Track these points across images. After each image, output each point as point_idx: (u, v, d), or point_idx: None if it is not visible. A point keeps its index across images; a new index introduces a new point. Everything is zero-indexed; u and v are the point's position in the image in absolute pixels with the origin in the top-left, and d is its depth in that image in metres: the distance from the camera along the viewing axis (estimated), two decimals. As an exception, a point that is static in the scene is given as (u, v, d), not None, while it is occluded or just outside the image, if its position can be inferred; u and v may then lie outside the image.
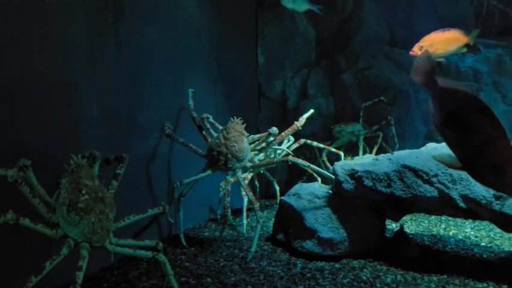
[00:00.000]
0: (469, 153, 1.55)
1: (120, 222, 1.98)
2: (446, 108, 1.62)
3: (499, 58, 4.28)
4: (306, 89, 4.52)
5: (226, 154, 2.84)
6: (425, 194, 2.30)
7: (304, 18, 4.45)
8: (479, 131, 1.51)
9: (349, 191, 2.57)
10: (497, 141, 1.49)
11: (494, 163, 1.49)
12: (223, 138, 2.87)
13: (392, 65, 4.47)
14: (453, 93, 1.63)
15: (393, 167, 2.42)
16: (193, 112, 3.05)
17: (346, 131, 4.22)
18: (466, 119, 1.55)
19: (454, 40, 3.05)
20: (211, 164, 2.91)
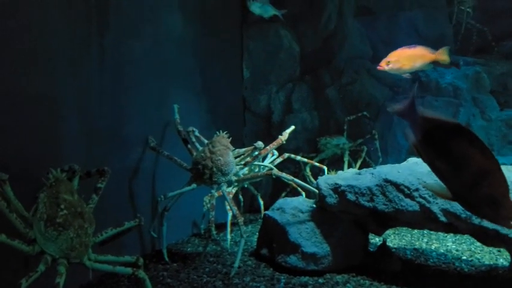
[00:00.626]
0: (462, 185, 1.50)
1: (98, 236, 1.94)
2: (434, 140, 1.56)
3: (477, 75, 4.42)
4: (290, 104, 4.56)
5: (211, 168, 2.85)
6: (407, 208, 2.32)
7: (288, 34, 4.52)
8: (472, 163, 1.46)
9: (333, 206, 2.58)
10: (492, 173, 1.45)
11: (490, 196, 1.45)
12: (208, 152, 2.89)
13: (374, 81, 4.56)
14: (440, 125, 1.56)
15: (375, 181, 2.45)
16: (179, 126, 3.06)
17: (332, 144, 4.27)
18: (458, 151, 1.49)
19: (419, 57, 3.16)
20: (196, 177, 2.91)
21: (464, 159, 1.47)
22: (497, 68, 4.80)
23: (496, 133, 4.30)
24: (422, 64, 3.19)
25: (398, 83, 4.58)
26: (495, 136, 4.29)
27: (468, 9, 5.13)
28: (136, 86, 2.87)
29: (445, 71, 4.44)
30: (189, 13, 3.46)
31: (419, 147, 1.65)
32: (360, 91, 4.53)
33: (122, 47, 2.72)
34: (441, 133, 1.54)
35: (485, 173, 1.45)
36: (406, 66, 3.18)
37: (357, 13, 4.74)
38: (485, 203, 1.46)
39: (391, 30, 4.81)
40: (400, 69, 3.20)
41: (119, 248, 2.63)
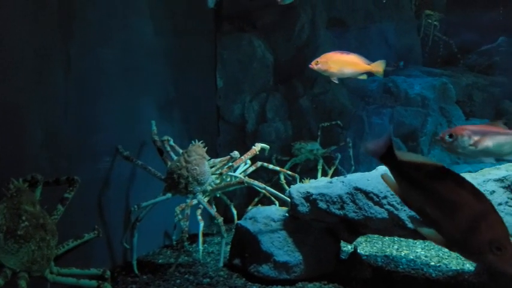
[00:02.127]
0: (458, 232, 1.38)
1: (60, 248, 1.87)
2: (420, 186, 1.45)
3: (444, 86, 4.59)
4: (264, 113, 4.59)
5: (187, 177, 2.86)
6: (376, 216, 2.36)
7: (262, 44, 4.57)
8: (465, 207, 1.36)
9: (305, 214, 2.59)
10: (489, 214, 1.35)
11: (493, 241, 1.34)
12: (184, 161, 2.90)
13: (346, 91, 4.66)
14: (423, 168, 1.45)
15: (346, 190, 2.48)
16: (155, 136, 3.07)
17: (306, 149, 4.33)
18: (447, 195, 1.39)
19: (350, 64, 3.25)
20: (171, 187, 2.90)
21: (456, 203, 1.37)
22: (463, 79, 5.01)
23: (462, 142, 4.45)
24: (353, 72, 3.28)
25: (369, 93, 4.70)
26: (461, 145, 4.45)
27: (435, 22, 5.36)
28: (105, 94, 2.82)
29: (414, 82, 4.59)
30: (160, 22, 3.44)
31: (403, 194, 1.54)
32: (332, 101, 4.61)
33: (89, 55, 2.66)
34: (426, 177, 1.43)
35: (481, 215, 1.35)
36: (333, 69, 3.26)
37: (329, 24, 4.85)
38: (489, 249, 1.34)
39: (362, 42, 4.94)
40: (327, 71, 3.28)
41: (88, 259, 2.55)
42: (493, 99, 4.96)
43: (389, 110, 4.49)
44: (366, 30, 4.93)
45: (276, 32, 4.61)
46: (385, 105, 4.52)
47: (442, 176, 1.41)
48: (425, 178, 1.44)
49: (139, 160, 2.98)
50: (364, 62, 3.27)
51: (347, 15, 4.88)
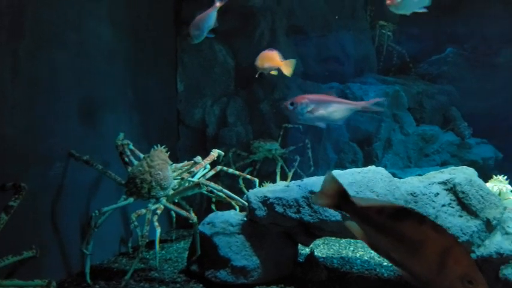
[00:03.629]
0: (428, 271, 1.37)
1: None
2: (383, 229, 1.44)
3: (396, 93, 4.81)
4: (225, 117, 4.59)
5: (150, 182, 2.84)
6: (330, 218, 2.43)
7: (223, 49, 4.58)
8: (429, 244, 1.36)
9: (262, 218, 2.62)
10: (454, 248, 1.34)
11: (464, 275, 1.33)
12: (147, 166, 2.89)
13: (305, 97, 4.77)
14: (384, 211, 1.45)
15: (302, 193, 2.54)
16: (118, 141, 3.04)
17: (264, 148, 4.38)
18: (411, 234, 1.38)
19: (269, 59, 3.46)
20: (133, 192, 2.85)
21: (421, 242, 1.36)
22: (414, 87, 5.27)
23: (413, 146, 4.70)
24: (270, 66, 3.47)
25: (327, 99, 4.84)
26: (412, 149, 4.69)
27: (389, 33, 5.61)
28: (57, 97, 2.71)
29: (369, 89, 4.77)
30: (119, 24, 3.37)
31: (370, 240, 1.52)
32: (292, 106, 4.70)
33: (41, 55, 2.56)
34: (388, 219, 1.43)
35: (446, 250, 1.34)
36: (258, 65, 3.48)
37: (289, 32, 4.95)
38: (462, 285, 1.33)
39: (320, 49, 5.09)
40: (257, 66, 3.50)
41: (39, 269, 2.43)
42: (442, 106, 5.26)
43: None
44: (325, 38, 5.08)
45: (236, 37, 4.64)
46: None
47: (404, 216, 1.42)
48: (388, 220, 1.44)
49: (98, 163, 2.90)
50: (279, 59, 3.45)
51: (306, 23, 5.01)
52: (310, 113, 3.07)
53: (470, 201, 2.25)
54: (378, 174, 2.52)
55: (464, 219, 2.24)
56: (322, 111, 3.18)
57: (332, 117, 3.28)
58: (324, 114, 3.20)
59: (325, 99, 3.36)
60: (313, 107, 3.11)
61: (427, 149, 4.68)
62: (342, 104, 3.38)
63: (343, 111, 3.36)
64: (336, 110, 3.26)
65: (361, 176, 2.52)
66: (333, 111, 3.25)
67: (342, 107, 3.35)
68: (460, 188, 2.29)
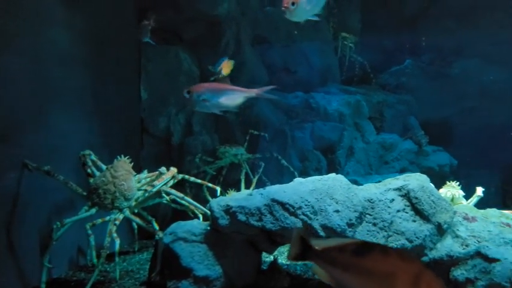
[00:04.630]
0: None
1: None
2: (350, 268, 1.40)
3: (358, 103, 4.98)
4: (190, 126, 4.57)
5: (114, 192, 2.81)
6: (291, 226, 2.47)
7: (188, 57, 4.58)
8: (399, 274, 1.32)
9: (225, 227, 2.62)
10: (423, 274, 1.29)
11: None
12: (110, 177, 2.86)
13: (271, 106, 4.84)
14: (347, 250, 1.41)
15: (264, 201, 2.57)
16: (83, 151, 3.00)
17: (230, 153, 4.39)
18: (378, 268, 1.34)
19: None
20: (96, 203, 2.81)
21: (390, 274, 1.33)
22: (375, 97, 5.48)
23: (374, 154, 4.86)
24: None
25: (292, 108, 4.93)
26: (373, 157, 4.85)
27: (351, 44, 5.81)
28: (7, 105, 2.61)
29: (332, 99, 4.91)
30: (78, 30, 3.29)
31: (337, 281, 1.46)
32: (257, 115, 4.75)
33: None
34: (352, 257, 1.40)
35: (417, 277, 1.30)
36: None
37: (254, 41, 5.02)
38: None
39: (285, 59, 5.19)
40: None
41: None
42: (401, 115, 5.49)
43: (310, 124, 4.75)
44: (289, 48, 5.19)
45: (202, 46, 4.65)
46: (307, 120, 4.77)
47: (366, 251, 1.39)
48: (351, 258, 1.40)
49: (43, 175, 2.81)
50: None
51: (270, 33, 5.10)
52: (205, 100, 3.19)
53: (422, 207, 2.36)
54: (338, 181, 2.59)
55: (417, 223, 2.34)
56: (217, 99, 3.35)
57: (227, 104, 3.47)
58: (219, 101, 3.36)
59: (220, 87, 3.54)
60: (208, 95, 3.27)
61: (387, 156, 4.85)
62: (236, 92, 3.56)
63: (238, 98, 3.54)
64: (230, 97, 3.46)
65: (321, 184, 2.58)
66: (227, 98, 3.43)
67: (236, 94, 3.53)
68: (413, 194, 2.40)
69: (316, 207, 2.47)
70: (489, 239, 2.25)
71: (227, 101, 3.44)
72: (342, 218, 2.41)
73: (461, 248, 2.27)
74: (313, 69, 5.28)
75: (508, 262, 2.10)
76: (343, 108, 4.82)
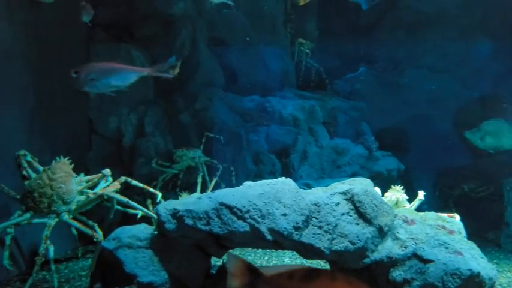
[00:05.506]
0: None
1: None
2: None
3: (312, 108, 5.07)
4: (143, 127, 4.45)
5: (51, 196, 2.66)
6: (238, 230, 2.45)
7: (141, 56, 4.45)
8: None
9: (172, 231, 2.55)
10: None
11: None
12: (47, 179, 2.71)
13: (226, 108, 4.81)
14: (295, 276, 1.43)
15: (212, 205, 2.53)
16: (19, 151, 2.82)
17: (188, 156, 4.32)
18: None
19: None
20: (31, 207, 2.65)
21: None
22: (329, 102, 5.61)
23: (327, 158, 4.98)
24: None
25: (248, 111, 4.94)
26: (326, 161, 4.96)
27: (307, 50, 5.92)
28: None
29: (287, 103, 4.97)
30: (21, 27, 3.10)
31: None
32: (212, 117, 4.71)
33: None
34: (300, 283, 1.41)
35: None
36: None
37: (211, 43, 4.98)
38: None
39: (242, 62, 5.20)
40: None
41: None
42: (353, 121, 5.66)
43: (265, 128, 4.78)
44: (246, 51, 5.20)
45: (156, 45, 4.54)
46: (262, 123, 4.79)
47: (315, 277, 1.41)
48: (300, 284, 1.42)
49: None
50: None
51: (228, 35, 5.09)
52: (94, 80, 3.05)
53: (365, 210, 2.42)
54: (286, 185, 2.61)
55: (360, 226, 2.40)
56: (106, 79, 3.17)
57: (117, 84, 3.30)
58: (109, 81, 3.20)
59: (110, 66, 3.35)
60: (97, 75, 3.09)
61: (339, 160, 4.98)
62: (126, 70, 3.38)
63: (129, 78, 3.36)
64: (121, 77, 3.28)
65: (270, 188, 2.59)
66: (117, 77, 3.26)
67: (127, 73, 3.35)
68: (357, 197, 2.46)
69: (264, 210, 2.47)
70: (425, 241, 2.35)
71: (117, 81, 3.21)
72: (288, 222, 2.42)
73: (400, 250, 2.36)
74: (270, 73, 5.32)
75: (440, 263, 2.21)
76: (297, 113, 4.89)
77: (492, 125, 5.13)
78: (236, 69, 5.12)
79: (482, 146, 5.15)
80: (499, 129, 5.10)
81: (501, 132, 5.11)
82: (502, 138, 5.13)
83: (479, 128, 5.15)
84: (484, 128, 5.12)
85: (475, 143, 5.19)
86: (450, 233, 2.45)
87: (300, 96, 5.24)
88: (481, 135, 5.14)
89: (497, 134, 5.12)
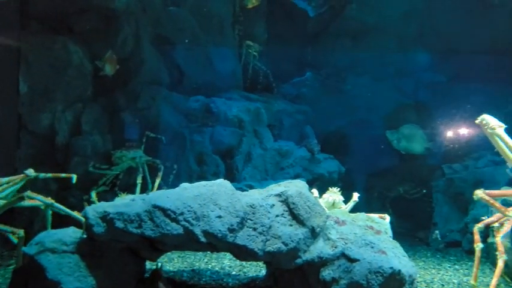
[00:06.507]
0: None
1: None
2: None
3: (257, 110, 5.12)
4: (79, 125, 4.23)
5: None
6: (172, 232, 2.40)
7: (80, 50, 4.23)
8: None
9: (101, 235, 2.44)
10: None
11: None
12: None
13: (170, 108, 4.72)
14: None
15: (145, 207, 2.45)
16: None
17: (127, 157, 4.17)
18: None
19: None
20: None
21: None
22: (275, 105, 5.70)
23: (271, 160, 5.04)
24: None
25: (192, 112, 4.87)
26: (270, 163, 5.03)
27: (255, 52, 5.97)
28: None
29: (232, 104, 4.97)
30: None
31: None
32: (156, 117, 4.59)
33: None
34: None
35: None
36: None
37: (155, 41, 4.86)
38: None
39: (188, 62, 5.12)
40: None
41: None
42: (298, 124, 5.79)
43: (209, 129, 4.75)
44: (192, 51, 5.13)
45: (97, 40, 4.34)
46: (206, 124, 4.75)
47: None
48: None
49: None
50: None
51: (173, 34, 4.99)
52: None
53: (299, 212, 2.48)
54: (223, 187, 2.60)
55: (293, 227, 2.45)
56: None
57: None
58: None
59: None
60: None
61: (283, 162, 5.07)
62: None
63: None
64: None
65: (206, 189, 2.56)
66: None
67: None
68: (291, 199, 2.51)
69: (199, 213, 2.44)
70: (354, 241, 2.45)
71: None
72: (223, 224, 2.41)
73: (331, 250, 2.44)
74: (216, 74, 5.30)
75: (366, 262, 2.31)
76: (243, 115, 4.91)
77: (408, 129, 5.62)
78: (182, 68, 5.04)
79: (397, 147, 5.63)
80: (413, 134, 5.60)
81: (413, 137, 5.60)
82: (413, 143, 5.61)
83: (398, 130, 5.61)
84: (401, 131, 5.61)
85: (392, 143, 5.64)
86: (377, 233, 2.58)
87: (246, 98, 5.27)
88: (398, 136, 5.58)
89: (410, 138, 5.60)
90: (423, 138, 5.61)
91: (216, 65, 5.33)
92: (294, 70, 6.83)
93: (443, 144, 5.59)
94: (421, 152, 5.67)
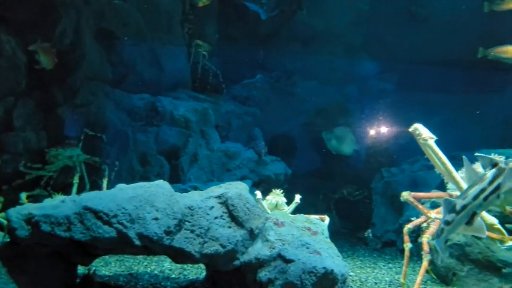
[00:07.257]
0: None
1: None
2: None
3: (205, 111, 5.07)
4: (10, 120, 3.93)
5: None
6: (104, 235, 2.29)
7: (13, 41, 3.94)
8: None
9: (25, 238, 2.28)
10: None
11: None
12: None
13: (113, 105, 4.53)
14: None
15: (75, 209, 2.33)
16: None
17: (64, 155, 3.94)
18: None
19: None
20: None
21: None
22: (224, 106, 5.67)
23: (217, 161, 5.01)
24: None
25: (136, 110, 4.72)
26: (216, 164, 5.00)
27: (204, 52, 5.90)
28: None
29: (179, 104, 4.88)
30: None
31: None
32: (96, 114, 4.39)
33: None
34: None
35: None
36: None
37: (99, 35, 4.64)
38: None
39: (133, 58, 4.95)
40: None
41: None
42: (247, 126, 5.81)
43: (155, 128, 4.62)
44: (138, 47, 4.97)
45: (32, 30, 4.06)
46: (151, 123, 4.62)
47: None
48: None
49: None
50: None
51: (117, 28, 4.80)
52: None
53: (238, 213, 2.48)
54: (161, 188, 2.53)
55: (232, 229, 2.44)
56: None
57: None
58: None
59: None
60: None
61: (230, 164, 5.06)
62: None
63: None
64: None
65: (143, 191, 2.48)
66: None
67: None
68: (231, 201, 2.50)
69: (134, 215, 2.36)
70: (291, 242, 2.49)
71: None
72: (160, 226, 2.35)
73: (269, 251, 2.46)
74: (163, 72, 5.17)
75: (300, 262, 2.36)
76: (189, 115, 4.83)
77: (340, 131, 5.96)
78: (126, 64, 4.86)
79: (329, 147, 5.96)
80: (344, 136, 5.96)
81: (344, 139, 5.95)
82: (343, 144, 5.94)
83: (332, 131, 5.93)
84: (335, 132, 5.94)
85: (326, 143, 5.97)
86: (314, 234, 2.64)
87: (193, 98, 5.19)
88: (331, 137, 5.89)
89: (341, 140, 5.93)
90: (352, 141, 5.93)
91: (163, 63, 5.20)
92: (245, 72, 6.84)
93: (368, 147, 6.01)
94: (350, 153, 6.00)
